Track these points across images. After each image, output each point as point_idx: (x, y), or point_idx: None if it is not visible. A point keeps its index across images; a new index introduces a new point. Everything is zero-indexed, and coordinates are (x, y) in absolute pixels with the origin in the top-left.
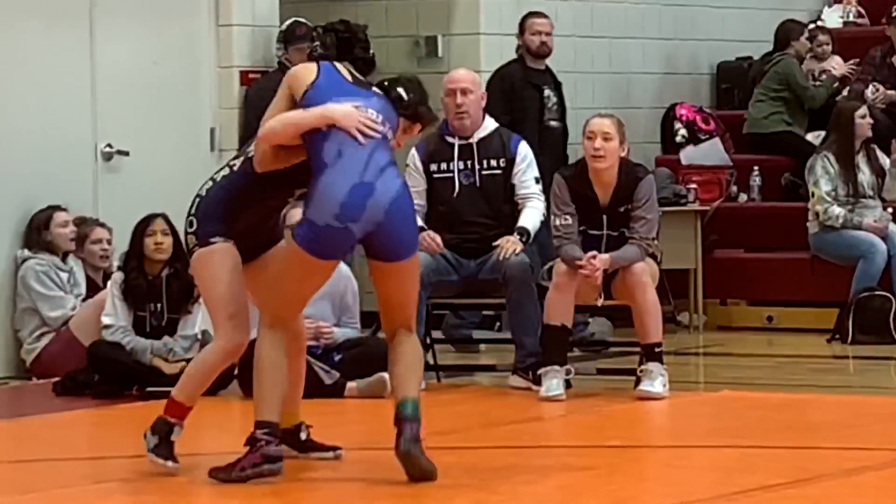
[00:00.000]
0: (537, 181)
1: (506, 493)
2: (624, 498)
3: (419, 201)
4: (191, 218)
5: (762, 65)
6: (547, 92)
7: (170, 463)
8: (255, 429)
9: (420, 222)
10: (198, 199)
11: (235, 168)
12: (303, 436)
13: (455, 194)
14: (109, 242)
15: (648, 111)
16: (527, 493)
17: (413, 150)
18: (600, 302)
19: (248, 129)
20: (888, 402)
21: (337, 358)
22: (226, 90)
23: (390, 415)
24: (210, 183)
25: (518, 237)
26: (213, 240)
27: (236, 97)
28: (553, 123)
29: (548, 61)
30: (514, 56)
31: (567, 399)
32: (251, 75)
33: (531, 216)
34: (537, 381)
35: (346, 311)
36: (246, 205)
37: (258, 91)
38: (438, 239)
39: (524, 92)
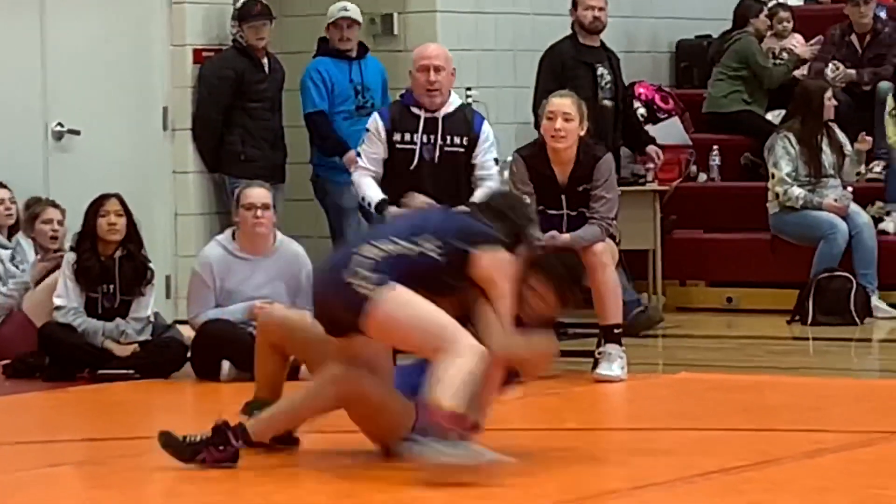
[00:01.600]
0: (497, 162)
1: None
2: (582, 481)
3: (376, 168)
4: (357, 269)
5: (721, 43)
6: (600, 70)
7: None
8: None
9: (379, 192)
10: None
11: (438, 258)
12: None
13: (414, 167)
14: (61, 223)
15: None
16: (486, 475)
17: (376, 116)
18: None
19: (201, 108)
20: (848, 383)
21: None
22: (178, 68)
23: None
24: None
25: None
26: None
27: (189, 76)
28: (606, 102)
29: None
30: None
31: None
32: (204, 53)
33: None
34: None
35: (300, 293)
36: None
37: (211, 69)
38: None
39: (577, 70)
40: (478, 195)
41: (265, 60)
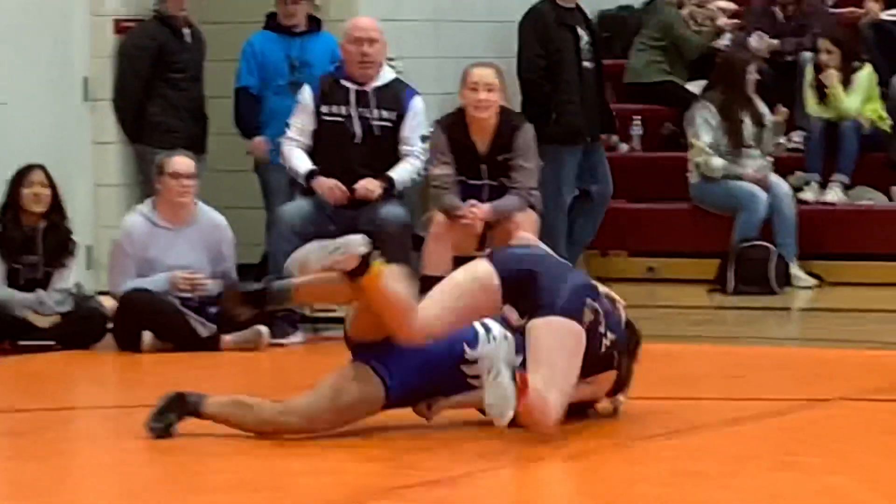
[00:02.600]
0: (423, 139)
1: (383, 446)
2: (496, 451)
3: (304, 140)
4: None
5: (643, 14)
6: (580, 31)
7: None
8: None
9: (308, 162)
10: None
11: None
12: None
13: (343, 140)
14: None
15: None
16: (404, 446)
17: (306, 88)
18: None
19: (122, 79)
20: (768, 352)
21: (213, 311)
22: (99, 39)
23: (265, 366)
24: None
25: (380, 183)
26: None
27: (110, 46)
28: (587, 65)
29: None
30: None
31: None
32: (125, 24)
33: (402, 169)
34: None
35: (221, 262)
36: None
37: (132, 40)
38: (343, 187)
39: (559, 33)
40: (397, 170)
41: (186, 31)
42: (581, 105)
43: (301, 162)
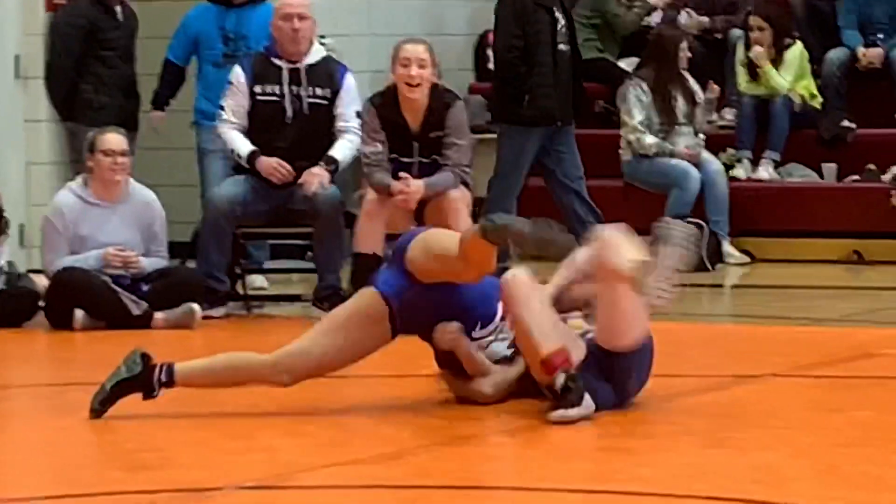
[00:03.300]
0: (358, 115)
1: (317, 424)
2: (436, 427)
3: (240, 121)
4: None
5: None
6: (556, 14)
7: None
8: None
9: (248, 144)
10: None
11: None
12: None
13: (277, 119)
14: None
15: (461, 38)
16: (337, 423)
17: (237, 69)
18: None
19: (54, 57)
20: (700, 329)
21: (145, 288)
22: (30, 17)
23: (199, 344)
24: None
25: (324, 166)
26: None
27: (41, 24)
28: (563, 47)
29: None
30: None
31: None
32: (56, 1)
33: (342, 147)
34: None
35: (153, 240)
36: None
37: (64, 18)
38: (287, 166)
39: (537, 14)
40: (337, 149)
41: (118, 8)
42: (555, 88)
43: (241, 143)
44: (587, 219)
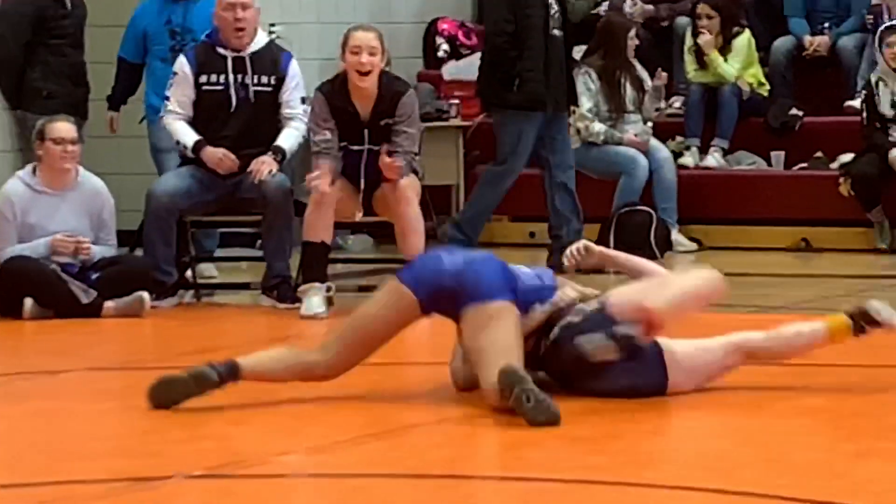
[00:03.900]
0: (303, 101)
1: (267, 412)
2: (387, 415)
3: (186, 112)
4: None
5: None
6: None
7: None
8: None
9: (194, 134)
10: None
11: None
12: None
13: (223, 109)
14: None
15: (410, 26)
16: (287, 412)
17: (182, 59)
18: (359, 215)
19: (2, 45)
20: None
21: (94, 277)
22: None
23: (149, 333)
24: None
25: (272, 156)
26: None
27: None
28: (556, 32)
29: None
30: None
31: (329, 317)
32: None
33: (289, 136)
34: (283, 299)
35: (102, 228)
36: None
37: (12, 6)
38: (232, 156)
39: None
40: (284, 138)
41: None
42: (546, 74)
43: (186, 133)
44: (568, 215)
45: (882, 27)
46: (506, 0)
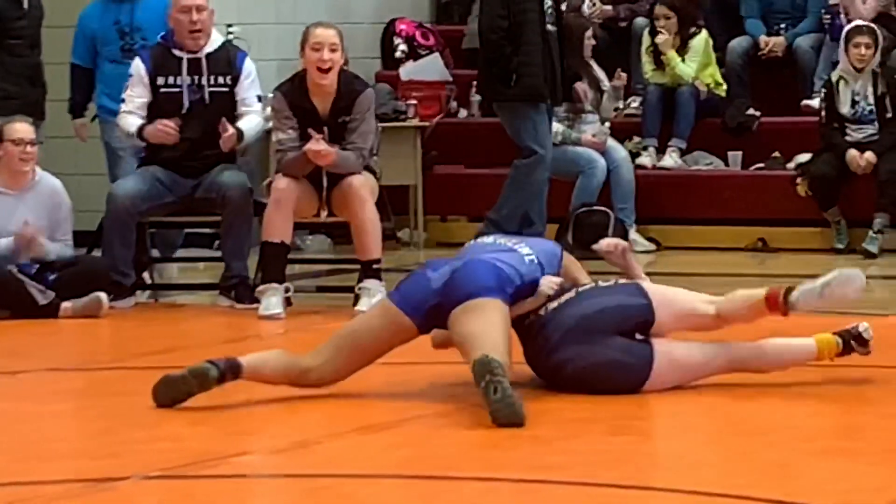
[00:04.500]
0: (259, 99)
1: (224, 413)
2: (347, 416)
3: (140, 113)
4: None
5: None
6: None
7: None
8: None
9: (137, 120)
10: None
11: None
12: None
13: (181, 110)
14: None
15: (368, 26)
16: (245, 412)
17: (137, 61)
18: (324, 214)
19: None
20: None
21: (51, 277)
22: None
23: (106, 333)
24: None
25: (234, 131)
26: None
27: None
28: (550, 28)
29: None
30: None
31: (286, 317)
32: None
33: (247, 120)
34: (241, 299)
35: (59, 229)
36: None
37: None
38: (171, 124)
39: None
40: (243, 122)
41: None
42: (542, 67)
43: (130, 122)
44: (533, 217)
45: (849, 27)
46: None
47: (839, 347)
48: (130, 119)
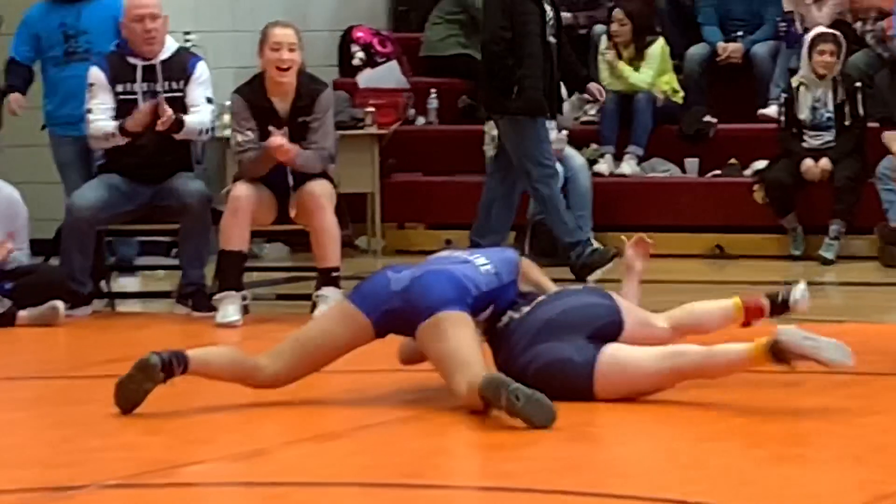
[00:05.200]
0: (209, 101)
1: (180, 421)
2: (305, 424)
3: (112, 115)
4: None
5: None
6: (545, 5)
7: None
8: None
9: (113, 122)
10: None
11: None
12: None
13: None
14: None
15: (325, 34)
16: (201, 420)
17: (95, 69)
18: (293, 213)
19: None
20: None
21: (8, 286)
22: None
23: (63, 342)
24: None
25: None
26: None
27: None
28: (551, 39)
29: None
30: None
31: (244, 325)
32: None
33: (194, 114)
34: (198, 307)
35: (16, 238)
36: None
37: None
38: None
39: (525, 6)
40: (186, 116)
41: None
42: (543, 79)
43: (106, 125)
44: (498, 228)
45: (813, 33)
46: (501, 8)
47: (770, 357)
48: (103, 123)
